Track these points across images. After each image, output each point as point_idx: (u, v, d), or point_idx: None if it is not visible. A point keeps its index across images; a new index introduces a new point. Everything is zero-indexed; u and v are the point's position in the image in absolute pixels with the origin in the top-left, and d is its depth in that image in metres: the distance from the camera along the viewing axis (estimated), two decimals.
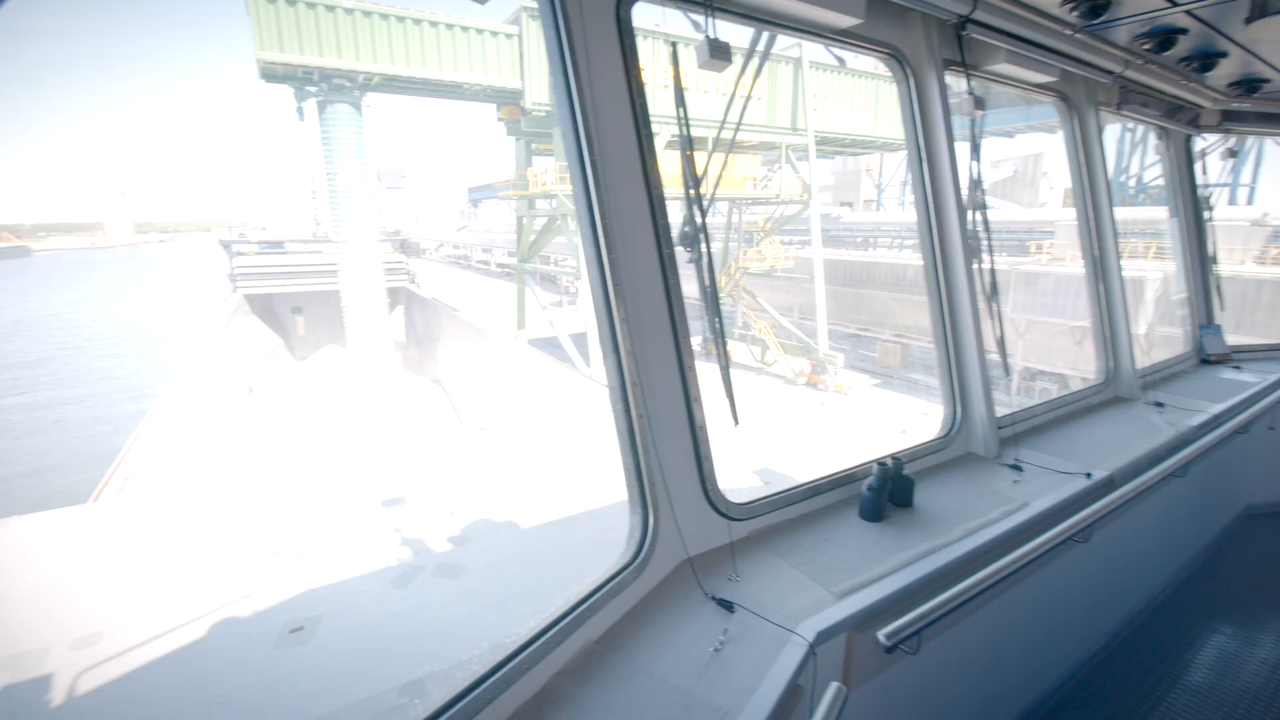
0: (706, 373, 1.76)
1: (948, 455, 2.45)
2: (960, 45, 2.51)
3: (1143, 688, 2.75)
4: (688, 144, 1.89)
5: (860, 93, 21.98)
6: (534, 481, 8.74)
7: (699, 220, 1.82)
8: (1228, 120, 4.28)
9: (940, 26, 2.43)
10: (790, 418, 17.00)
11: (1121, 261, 3.62)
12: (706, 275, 1.81)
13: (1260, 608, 3.37)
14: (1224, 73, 3.64)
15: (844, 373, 20.10)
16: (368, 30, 16.55)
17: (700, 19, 1.89)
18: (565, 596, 1.38)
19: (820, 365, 19.84)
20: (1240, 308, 19.16)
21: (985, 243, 2.63)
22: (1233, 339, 4.82)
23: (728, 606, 1.51)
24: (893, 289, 24.01)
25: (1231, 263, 20.30)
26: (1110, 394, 3.36)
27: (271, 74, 16.32)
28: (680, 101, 1.84)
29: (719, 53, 1.82)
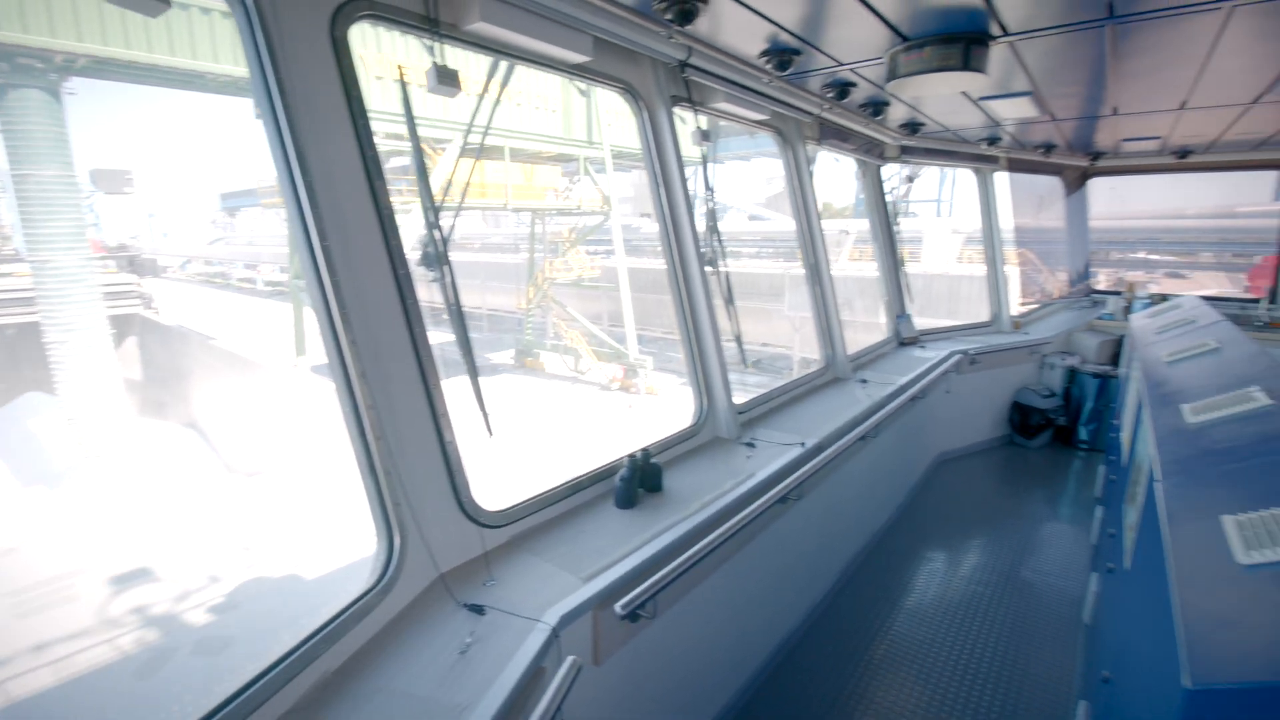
0: (519, 385, 1.85)
1: (698, 441, 2.84)
2: (687, 85, 2.92)
3: (870, 614, 3.42)
4: (421, 165, 1.96)
5: None
6: (321, 526, 7.94)
7: (439, 240, 1.90)
8: (905, 154, 5.52)
9: (666, 68, 2.81)
10: (598, 422, 17.68)
11: (833, 267, 4.50)
12: (451, 294, 1.90)
13: (954, 534, 4.39)
14: (894, 117, 4.70)
15: (654, 375, 21.44)
16: (67, 1, 13.55)
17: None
18: (294, 632, 1.36)
19: (632, 370, 20.91)
20: (947, 298, 24.49)
21: (720, 253, 3.09)
22: (943, 323, 6.30)
23: (479, 610, 1.61)
24: None
25: (941, 262, 25.92)
26: (830, 376, 4.15)
27: None
28: (412, 129, 1.90)
29: (447, 79, 1.92)
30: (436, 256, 1.88)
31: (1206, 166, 6.71)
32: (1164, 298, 6.38)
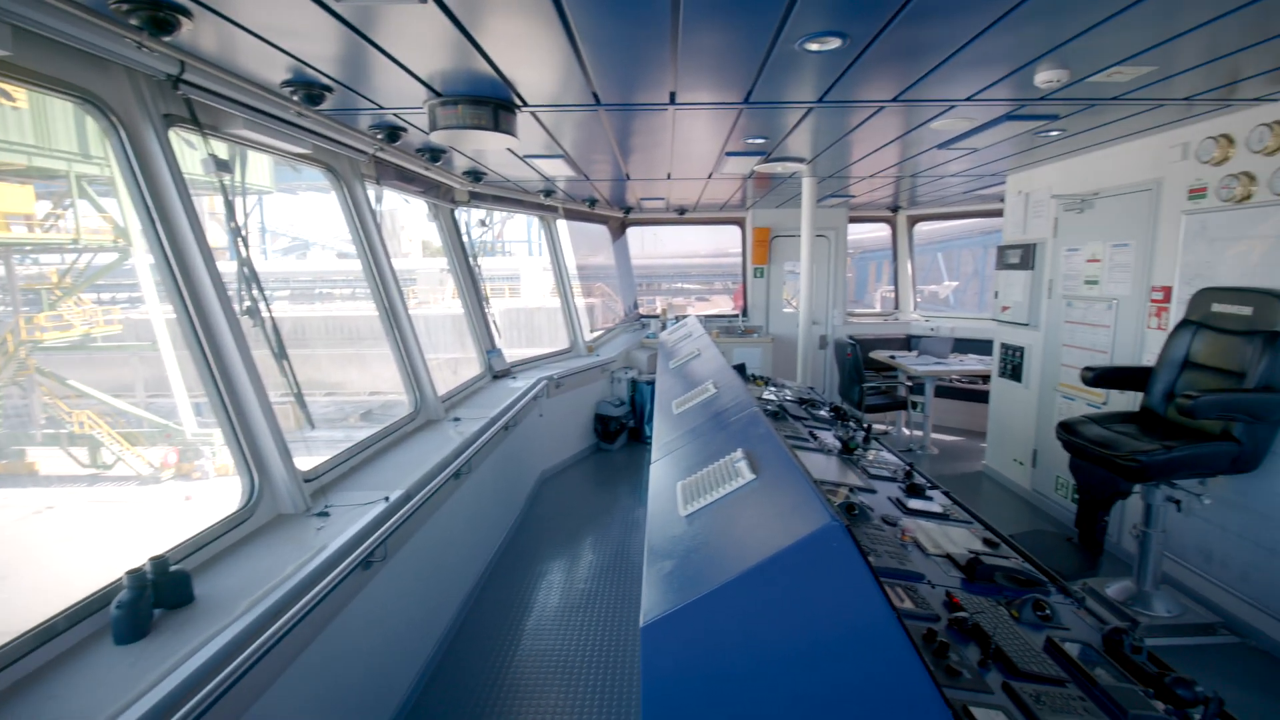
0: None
1: (253, 525, 2.45)
2: (189, 105, 2.52)
3: (495, 645, 3.49)
4: None
5: None
6: None
7: None
8: (475, 199, 5.97)
9: (152, 81, 2.37)
10: (127, 528, 13.64)
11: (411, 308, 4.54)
12: None
13: (564, 542, 4.86)
14: (459, 164, 5.03)
15: (226, 450, 17.67)
16: None
17: None
18: None
19: (191, 449, 16.75)
20: (548, 327, 27.59)
21: (260, 300, 2.76)
22: (532, 352, 6.94)
23: None
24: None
25: (539, 296, 29.10)
26: (422, 420, 4.16)
27: None
28: None
29: None
30: None
31: (698, 221, 9.33)
32: (684, 318, 8.55)
